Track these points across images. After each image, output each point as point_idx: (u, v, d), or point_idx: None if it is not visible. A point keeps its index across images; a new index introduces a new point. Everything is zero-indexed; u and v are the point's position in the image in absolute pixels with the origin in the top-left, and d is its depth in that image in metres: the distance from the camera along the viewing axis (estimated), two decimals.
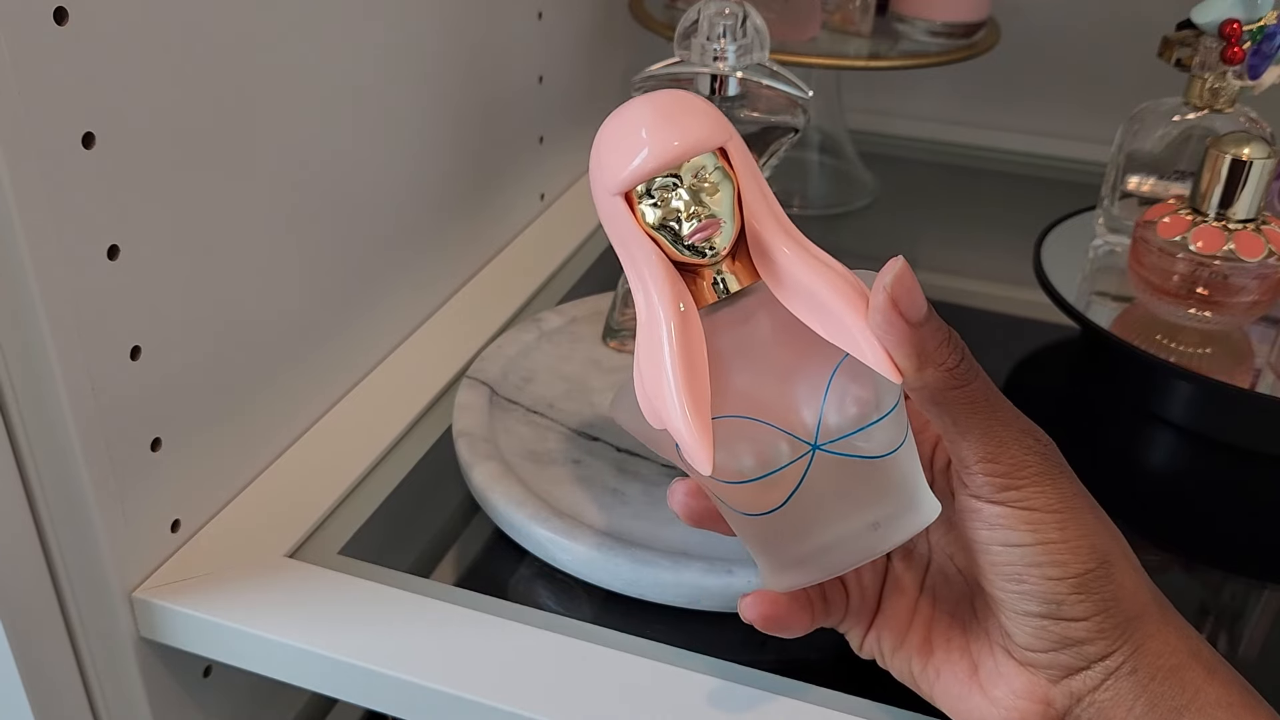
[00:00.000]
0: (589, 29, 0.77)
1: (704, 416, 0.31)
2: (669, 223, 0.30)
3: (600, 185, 0.31)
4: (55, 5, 0.34)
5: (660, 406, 0.31)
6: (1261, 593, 0.48)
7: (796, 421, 0.32)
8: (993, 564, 0.31)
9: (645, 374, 0.31)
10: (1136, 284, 0.58)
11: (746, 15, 0.47)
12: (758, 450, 0.32)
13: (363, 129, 0.52)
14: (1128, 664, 0.31)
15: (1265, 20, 0.56)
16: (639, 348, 0.32)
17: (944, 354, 0.30)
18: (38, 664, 0.40)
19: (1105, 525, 0.32)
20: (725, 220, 0.31)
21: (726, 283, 0.32)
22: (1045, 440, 0.32)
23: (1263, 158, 0.54)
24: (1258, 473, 0.55)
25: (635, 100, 0.31)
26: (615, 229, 0.31)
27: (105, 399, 0.39)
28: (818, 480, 0.32)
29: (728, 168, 0.31)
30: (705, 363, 0.31)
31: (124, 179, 0.38)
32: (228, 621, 0.41)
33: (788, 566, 0.34)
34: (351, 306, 0.54)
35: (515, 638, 0.41)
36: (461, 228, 0.63)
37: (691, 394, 0.30)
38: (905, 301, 0.29)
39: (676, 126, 0.30)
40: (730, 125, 0.31)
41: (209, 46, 0.41)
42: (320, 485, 0.49)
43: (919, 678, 0.35)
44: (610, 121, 0.31)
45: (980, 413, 0.30)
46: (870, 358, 0.30)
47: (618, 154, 0.30)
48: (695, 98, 0.31)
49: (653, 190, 0.30)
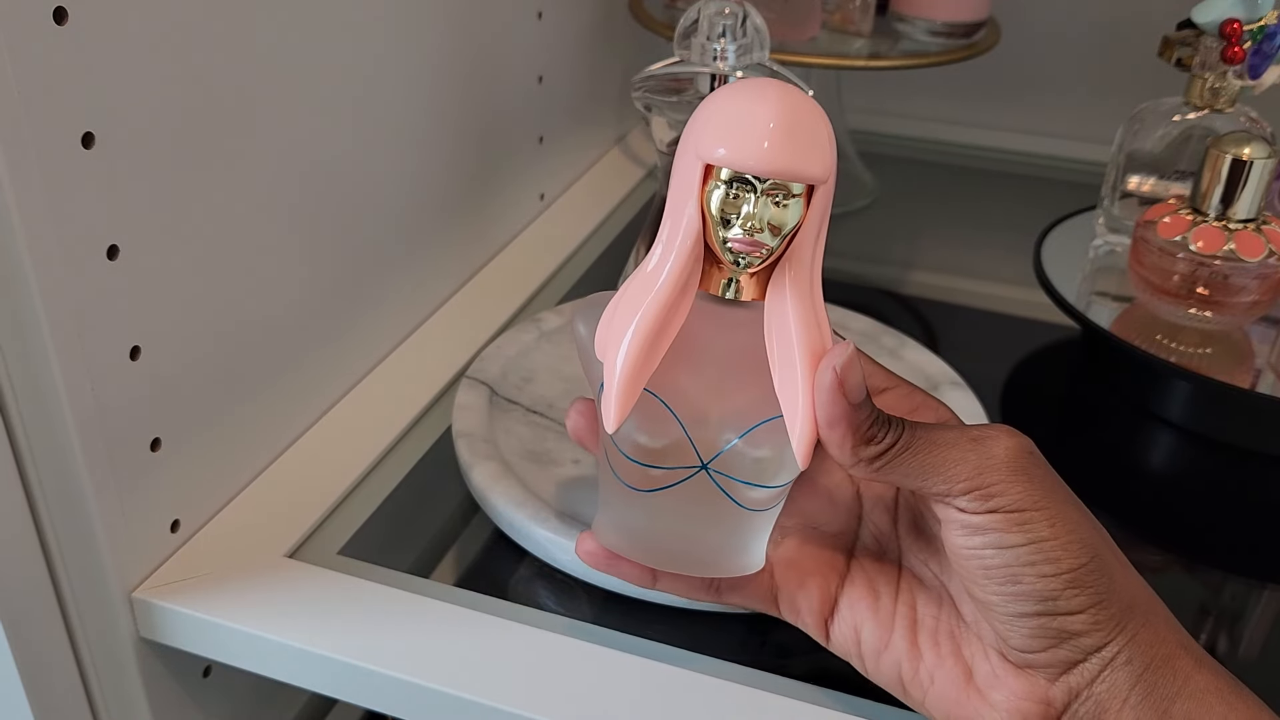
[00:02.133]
0: (589, 29, 0.77)
1: (637, 383, 0.31)
2: (726, 216, 0.30)
3: (693, 142, 0.31)
4: (55, 5, 0.34)
5: (610, 349, 0.32)
6: (1261, 593, 0.48)
7: (705, 437, 0.33)
8: (985, 569, 0.31)
9: (618, 315, 0.32)
10: (1136, 284, 0.58)
11: (746, 15, 0.47)
12: (658, 440, 0.33)
13: (362, 129, 0.52)
14: (1123, 654, 0.31)
15: (1265, 20, 0.56)
16: (630, 285, 0.32)
17: (875, 431, 0.31)
18: (37, 664, 0.40)
19: (1088, 518, 0.32)
20: (771, 245, 0.31)
21: (735, 289, 0.32)
22: (1003, 435, 0.32)
23: (1263, 158, 0.54)
24: (1258, 473, 0.55)
25: (779, 88, 0.30)
26: (679, 184, 0.31)
27: (105, 399, 0.39)
28: (688, 492, 0.34)
29: (804, 204, 0.31)
30: (671, 339, 0.32)
31: (124, 179, 0.38)
32: (228, 621, 0.41)
33: (618, 530, 0.36)
34: (351, 306, 0.54)
35: (515, 638, 0.41)
36: (461, 228, 0.63)
37: (640, 358, 0.31)
38: (849, 383, 0.31)
39: (800, 148, 0.30)
40: (833, 167, 0.31)
41: (209, 46, 0.41)
42: (320, 485, 0.49)
43: (909, 685, 0.34)
44: (742, 91, 0.30)
45: (923, 453, 0.31)
46: (796, 431, 0.31)
47: (733, 132, 0.30)
48: (824, 122, 0.30)
49: (732, 180, 0.30)
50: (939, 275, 0.74)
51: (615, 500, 0.36)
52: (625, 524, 0.36)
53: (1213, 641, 0.45)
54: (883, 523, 0.37)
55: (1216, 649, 0.45)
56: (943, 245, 0.79)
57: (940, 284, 0.71)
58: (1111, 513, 0.53)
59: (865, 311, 0.60)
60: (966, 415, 0.52)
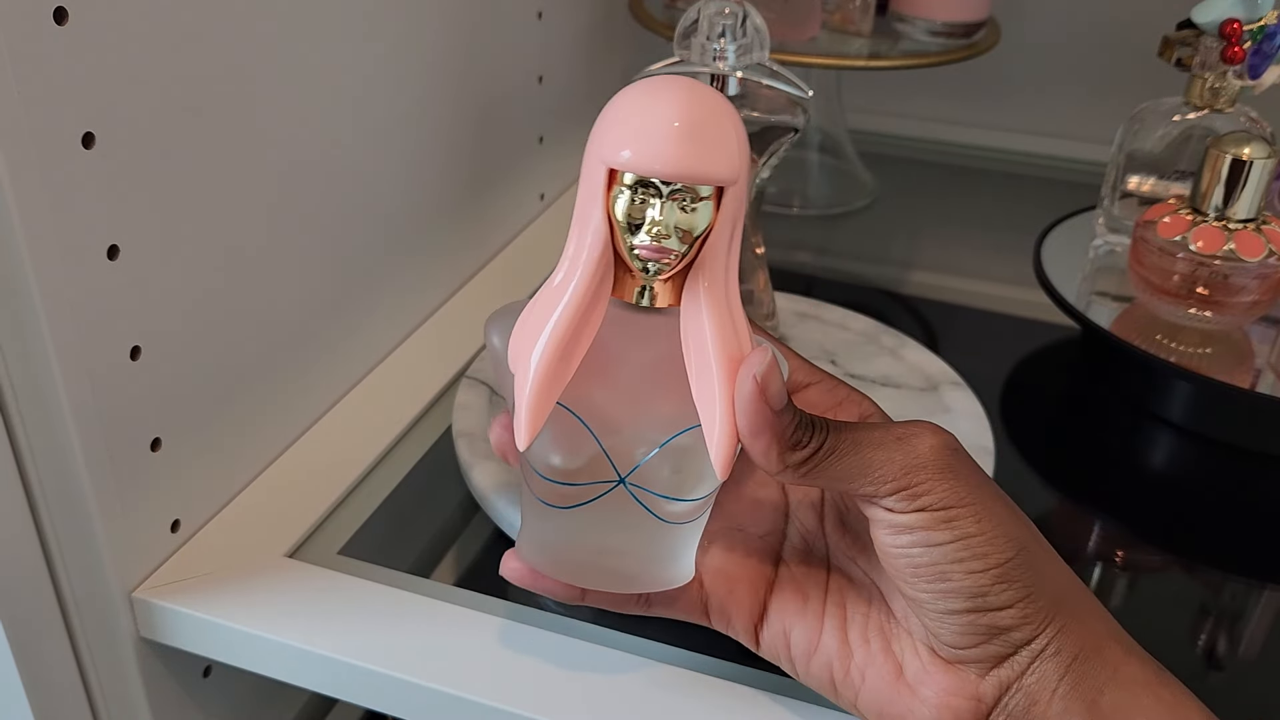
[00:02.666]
0: (589, 29, 0.77)
1: (548, 398, 0.30)
2: (633, 222, 0.29)
3: (597, 144, 0.30)
4: (55, 5, 0.34)
5: (520, 361, 0.30)
6: (1261, 593, 0.48)
7: (622, 451, 0.32)
8: (914, 567, 0.31)
9: (528, 325, 0.31)
10: (1136, 284, 0.58)
11: (746, 15, 0.47)
12: (572, 454, 0.32)
13: (363, 129, 0.52)
14: (1051, 645, 0.31)
15: (1265, 20, 0.56)
16: (540, 295, 0.31)
17: (799, 435, 0.31)
18: (37, 664, 0.40)
19: (1014, 512, 0.32)
20: (680, 251, 0.29)
21: (649, 296, 0.31)
22: (927, 433, 0.31)
23: (1263, 157, 0.54)
24: (1258, 473, 0.55)
25: (680, 86, 0.29)
26: (585, 190, 0.30)
27: (105, 399, 0.39)
28: (607, 507, 0.33)
29: (714, 207, 0.29)
30: (583, 352, 0.31)
31: (124, 179, 0.38)
32: (228, 621, 0.41)
33: (540, 548, 0.35)
34: (351, 306, 0.54)
35: (515, 638, 0.41)
36: (461, 228, 0.63)
37: (551, 372, 0.30)
38: (771, 391, 0.30)
39: (705, 149, 0.28)
40: (742, 169, 0.29)
41: (209, 47, 0.41)
42: (320, 485, 0.49)
43: (841, 686, 0.34)
44: (649, 92, 0.29)
45: (849, 455, 0.31)
46: (715, 441, 0.30)
47: (635, 134, 0.28)
48: (732, 120, 0.29)
49: (637, 185, 0.29)
50: (939, 275, 0.74)
51: (534, 517, 0.35)
52: (546, 541, 0.35)
53: (1213, 641, 0.45)
54: (810, 522, 0.37)
55: (1216, 649, 0.45)
56: (943, 245, 0.79)
57: (940, 284, 0.71)
58: (1111, 513, 0.54)
59: (865, 311, 0.60)
60: (966, 415, 0.52)
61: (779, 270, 0.64)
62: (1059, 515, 0.53)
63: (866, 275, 0.72)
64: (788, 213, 0.80)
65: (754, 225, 0.52)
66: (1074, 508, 0.54)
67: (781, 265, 0.71)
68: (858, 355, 0.57)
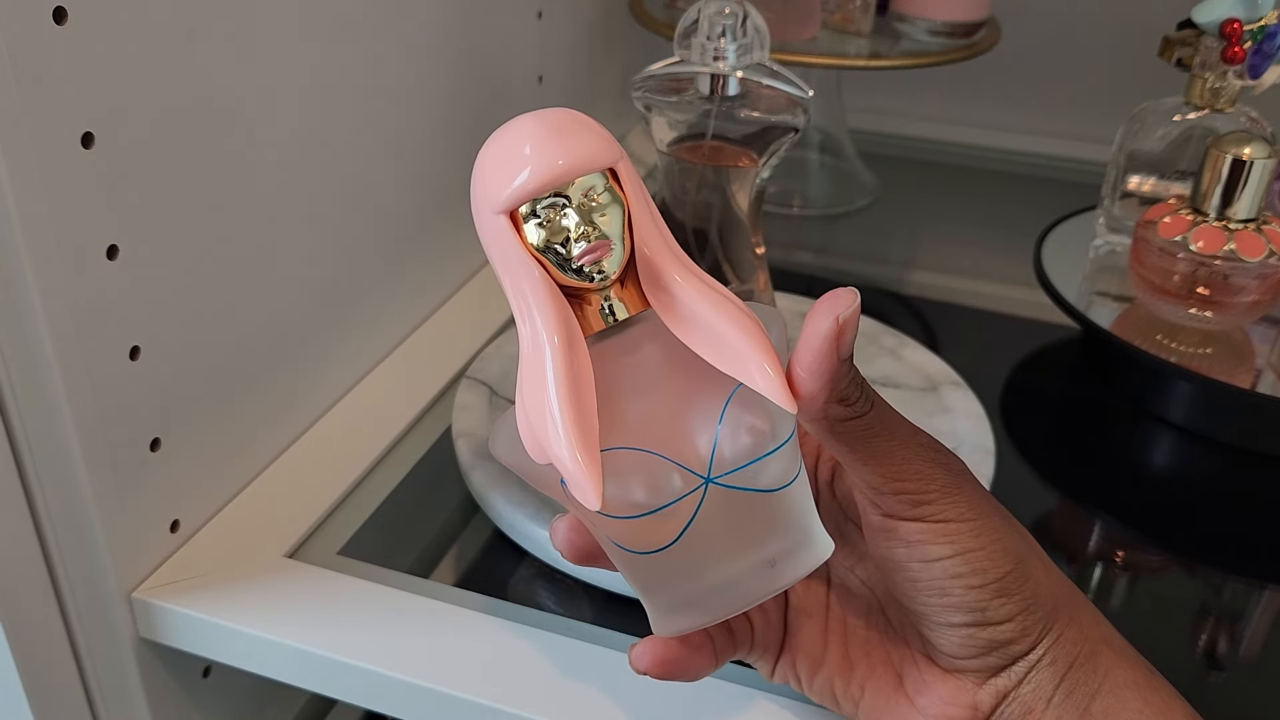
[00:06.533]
0: (589, 29, 0.77)
1: (592, 448, 0.29)
2: (556, 244, 0.29)
3: (483, 204, 0.29)
4: (55, 5, 0.34)
5: (544, 439, 0.29)
6: (1261, 593, 0.48)
7: (689, 453, 0.30)
8: (913, 580, 0.31)
9: (528, 405, 0.29)
10: (1137, 284, 0.58)
11: (746, 15, 0.47)
12: (649, 483, 0.30)
13: (363, 128, 0.52)
14: (1048, 655, 0.31)
15: (1266, 20, 0.56)
16: (521, 378, 0.30)
17: (850, 390, 0.30)
18: (37, 664, 0.40)
19: (1013, 526, 0.32)
20: (616, 243, 0.29)
21: (614, 310, 0.30)
22: (946, 452, 0.32)
23: (1263, 157, 0.54)
24: (1258, 473, 0.55)
25: (521, 117, 0.29)
26: (498, 251, 0.30)
27: (105, 399, 0.39)
28: (711, 515, 0.31)
29: (618, 189, 0.29)
30: (593, 392, 0.29)
31: (124, 179, 0.38)
32: (227, 622, 0.41)
33: (678, 609, 0.32)
34: (351, 306, 0.54)
35: (515, 638, 0.41)
36: (462, 227, 0.63)
37: (578, 425, 0.29)
38: (844, 338, 0.29)
39: (562, 144, 0.29)
40: (619, 147, 0.30)
41: (209, 46, 0.41)
42: (320, 485, 0.49)
43: (842, 699, 0.34)
44: (494, 139, 0.29)
45: (879, 437, 0.31)
46: (766, 387, 0.29)
47: (501, 172, 0.29)
48: (583, 116, 0.30)
49: (539, 210, 0.29)
50: (939, 275, 0.74)
51: (654, 581, 0.32)
52: (678, 596, 0.32)
53: (1213, 641, 0.45)
54: None
55: (1216, 649, 0.45)
56: (943, 245, 0.79)
57: (940, 284, 0.71)
58: (1111, 513, 0.54)
59: (865, 311, 0.59)
60: (967, 415, 0.52)
61: (779, 270, 0.64)
62: (1059, 515, 0.53)
63: (866, 275, 0.72)
64: (788, 213, 0.80)
65: (754, 225, 0.52)
66: (1074, 508, 0.54)
67: (781, 265, 0.71)
68: (858, 355, 0.56)
